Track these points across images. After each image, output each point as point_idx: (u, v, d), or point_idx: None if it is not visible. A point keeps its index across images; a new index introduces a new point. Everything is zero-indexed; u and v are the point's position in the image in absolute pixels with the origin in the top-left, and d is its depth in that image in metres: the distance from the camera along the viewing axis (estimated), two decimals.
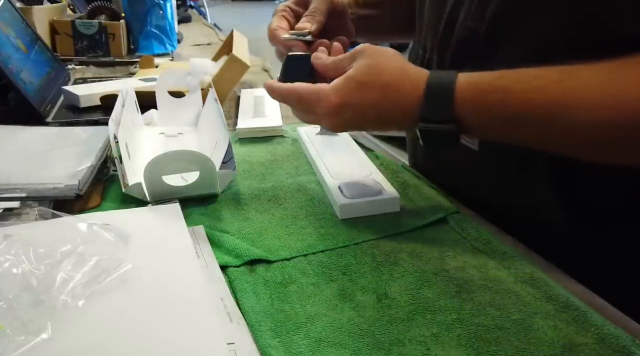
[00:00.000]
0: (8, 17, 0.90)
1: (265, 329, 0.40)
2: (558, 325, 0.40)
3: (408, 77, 0.48)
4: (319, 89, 0.50)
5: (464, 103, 0.46)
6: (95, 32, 1.26)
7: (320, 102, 0.49)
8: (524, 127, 0.45)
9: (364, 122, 0.51)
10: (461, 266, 0.47)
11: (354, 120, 0.50)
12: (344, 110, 0.49)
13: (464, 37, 0.57)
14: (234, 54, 0.90)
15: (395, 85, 0.48)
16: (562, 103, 0.43)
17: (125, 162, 0.57)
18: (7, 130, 0.73)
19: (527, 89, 0.44)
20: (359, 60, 0.50)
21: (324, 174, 0.62)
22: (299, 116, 0.54)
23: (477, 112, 0.46)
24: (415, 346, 0.38)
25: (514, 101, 0.44)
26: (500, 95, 0.45)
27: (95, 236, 0.48)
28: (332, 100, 0.49)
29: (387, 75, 0.48)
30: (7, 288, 0.40)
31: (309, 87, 0.51)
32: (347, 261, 0.49)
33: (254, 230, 0.53)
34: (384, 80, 0.48)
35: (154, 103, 0.79)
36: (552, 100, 0.43)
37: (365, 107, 0.49)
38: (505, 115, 0.45)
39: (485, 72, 0.46)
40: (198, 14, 2.39)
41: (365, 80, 0.48)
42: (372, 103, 0.48)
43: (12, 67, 0.81)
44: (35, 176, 0.59)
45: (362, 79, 0.48)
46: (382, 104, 0.48)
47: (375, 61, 0.49)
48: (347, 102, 0.48)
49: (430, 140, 0.48)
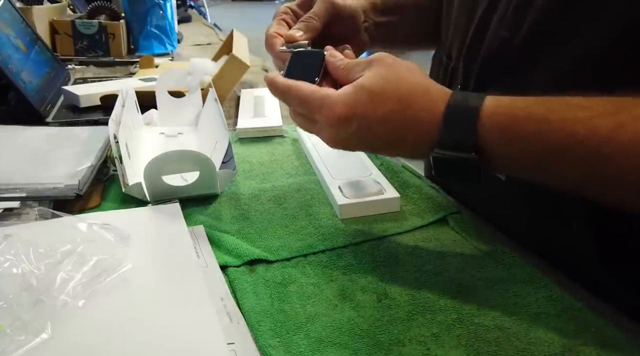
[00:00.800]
0: (8, 17, 0.90)
1: (265, 329, 0.40)
2: (558, 326, 0.40)
3: (428, 94, 0.42)
4: (326, 93, 0.44)
5: (490, 129, 0.39)
6: (95, 32, 1.26)
7: (323, 108, 0.43)
8: (562, 166, 0.38)
9: (371, 141, 0.44)
10: (461, 266, 0.47)
11: (359, 136, 0.43)
12: (349, 123, 0.42)
13: (495, 47, 0.50)
14: (234, 53, 0.90)
15: (413, 100, 0.42)
16: (612, 140, 0.36)
17: (126, 162, 0.57)
18: (7, 130, 0.73)
19: (570, 119, 0.37)
20: (374, 68, 0.43)
21: (324, 174, 0.62)
22: (297, 121, 0.48)
23: (505, 141, 0.39)
24: (415, 346, 0.38)
25: (552, 133, 0.37)
26: (535, 125, 0.38)
27: (95, 236, 0.48)
28: (338, 109, 0.42)
29: (404, 89, 0.42)
30: (7, 288, 0.40)
31: (314, 89, 0.45)
32: (347, 261, 0.49)
33: (254, 230, 0.53)
34: (401, 94, 0.42)
35: (154, 103, 0.79)
36: (599, 135, 0.36)
37: (374, 122, 0.42)
38: (539, 149, 0.38)
39: (518, 97, 0.40)
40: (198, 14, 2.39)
41: (379, 91, 0.42)
42: (383, 118, 0.42)
43: (12, 67, 0.81)
44: (35, 176, 0.59)
45: (375, 89, 0.42)
46: (394, 121, 0.42)
47: (393, 72, 0.43)
48: (354, 113, 0.42)
49: (445, 171, 0.42)
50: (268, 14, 0.57)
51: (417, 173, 0.65)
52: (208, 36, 1.66)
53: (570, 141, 0.37)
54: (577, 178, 0.39)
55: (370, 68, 0.44)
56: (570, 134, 0.37)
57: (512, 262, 0.47)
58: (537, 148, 0.38)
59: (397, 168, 0.66)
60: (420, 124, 0.42)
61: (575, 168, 0.38)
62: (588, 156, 0.37)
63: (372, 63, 0.44)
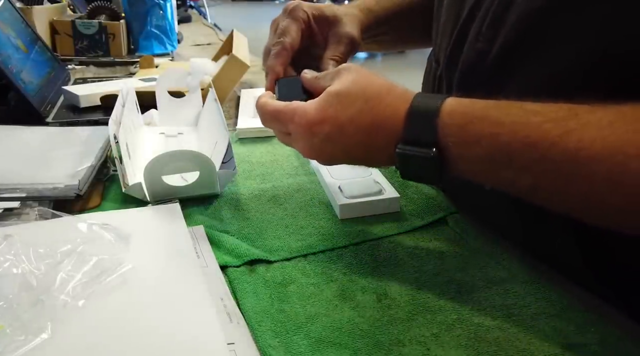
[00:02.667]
0: (8, 17, 0.90)
1: (265, 329, 0.40)
2: (558, 326, 0.40)
3: (392, 93, 0.44)
4: (297, 105, 0.46)
5: (449, 127, 0.40)
6: (95, 32, 1.26)
7: (295, 117, 0.45)
8: (513, 170, 0.38)
9: (344, 144, 0.44)
10: (461, 266, 0.47)
11: (333, 140, 0.44)
12: (321, 126, 0.44)
13: (473, 58, 0.51)
14: (234, 54, 0.90)
15: (379, 99, 0.43)
16: (558, 145, 0.36)
17: (126, 162, 0.57)
18: (7, 130, 0.73)
19: (522, 123, 0.38)
20: (343, 75, 0.46)
21: (324, 174, 0.62)
22: (279, 137, 0.50)
23: (462, 141, 0.40)
24: (415, 347, 0.38)
25: (504, 135, 0.38)
26: (489, 127, 0.39)
27: (95, 236, 0.48)
28: (309, 116, 0.44)
29: (370, 90, 0.44)
30: (7, 288, 0.40)
31: (287, 104, 0.47)
32: (347, 261, 0.49)
33: (254, 230, 0.53)
34: (367, 94, 0.44)
35: (154, 103, 0.79)
36: (548, 140, 0.36)
37: (345, 122, 0.43)
38: (492, 150, 0.39)
39: (480, 100, 0.41)
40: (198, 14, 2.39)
41: (347, 93, 0.44)
42: (352, 118, 0.43)
43: (12, 67, 0.81)
44: (35, 176, 0.59)
45: (343, 92, 0.44)
46: (364, 119, 0.43)
47: (359, 76, 0.45)
48: (324, 116, 0.44)
49: (408, 169, 0.43)
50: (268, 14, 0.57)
51: None
52: (208, 36, 1.66)
53: (520, 144, 0.37)
54: (529, 184, 0.39)
55: (339, 76, 0.46)
56: (521, 138, 0.37)
57: (512, 262, 0.47)
58: (490, 150, 0.39)
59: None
60: (387, 121, 0.43)
61: (525, 173, 0.38)
62: (536, 160, 0.37)
63: (340, 71, 0.46)
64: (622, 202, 0.35)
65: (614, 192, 0.35)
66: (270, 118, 0.49)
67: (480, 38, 0.50)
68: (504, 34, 0.48)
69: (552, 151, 0.36)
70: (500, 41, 0.48)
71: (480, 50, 0.50)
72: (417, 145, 0.41)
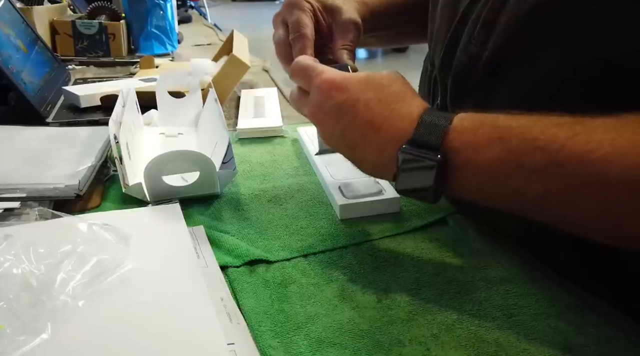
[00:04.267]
0: (8, 17, 0.90)
1: (265, 329, 0.40)
2: (558, 326, 0.40)
3: (414, 99, 0.44)
4: (327, 67, 0.47)
5: (459, 131, 0.40)
6: (95, 32, 1.26)
7: (321, 74, 0.46)
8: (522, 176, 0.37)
9: (348, 120, 0.44)
10: (461, 266, 0.47)
11: (341, 112, 0.44)
12: (338, 93, 0.44)
13: (465, 62, 0.51)
14: (234, 54, 0.90)
15: (401, 98, 0.43)
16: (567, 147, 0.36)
17: (126, 162, 0.57)
18: (7, 130, 0.73)
19: (530, 126, 0.38)
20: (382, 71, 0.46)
21: (324, 174, 0.62)
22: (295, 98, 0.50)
23: (473, 145, 0.39)
24: (415, 347, 0.38)
25: (513, 138, 0.38)
26: (498, 131, 0.38)
27: (95, 236, 0.48)
28: (333, 78, 0.45)
29: (398, 88, 0.44)
30: (7, 288, 0.39)
31: (319, 64, 0.48)
32: (347, 261, 0.49)
33: (254, 230, 0.53)
34: (393, 89, 0.44)
35: (154, 104, 0.79)
36: (556, 142, 0.36)
37: (361, 101, 0.44)
38: (501, 154, 0.38)
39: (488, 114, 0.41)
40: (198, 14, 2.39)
41: (378, 80, 0.45)
42: (369, 101, 0.43)
43: (12, 67, 0.81)
44: (35, 176, 0.59)
45: (374, 78, 0.45)
46: (378, 108, 0.43)
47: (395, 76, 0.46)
48: (346, 86, 0.44)
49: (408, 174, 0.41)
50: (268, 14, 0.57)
51: None
52: (208, 36, 1.66)
53: (530, 148, 0.37)
54: (539, 193, 0.37)
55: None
56: (530, 141, 0.37)
57: (512, 262, 0.47)
58: (500, 155, 0.38)
59: None
60: (399, 118, 0.42)
61: (535, 179, 0.37)
62: (546, 163, 0.36)
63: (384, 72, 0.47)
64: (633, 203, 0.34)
65: (629, 194, 0.34)
66: (299, 70, 0.49)
67: (473, 41, 0.50)
68: (495, 38, 0.48)
69: (561, 154, 0.36)
70: (491, 44, 0.48)
71: (472, 53, 0.50)
72: (423, 147, 0.40)
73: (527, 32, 0.46)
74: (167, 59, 1.27)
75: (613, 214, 0.36)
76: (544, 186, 0.37)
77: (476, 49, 0.50)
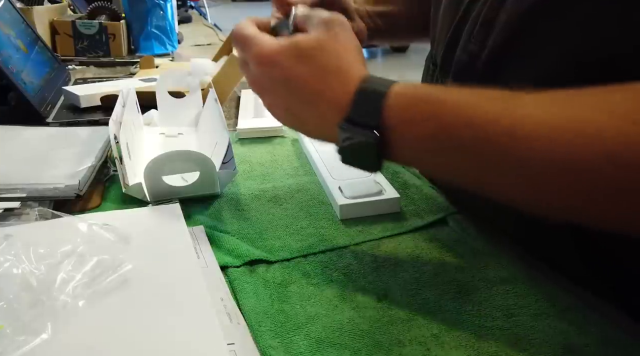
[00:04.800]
0: (8, 17, 0.90)
1: (265, 329, 0.40)
2: (558, 326, 0.40)
3: (350, 72, 0.42)
4: (262, 37, 0.45)
5: (395, 108, 0.39)
6: (95, 32, 1.26)
7: (253, 47, 0.44)
8: (460, 152, 0.37)
9: (286, 96, 0.44)
10: (461, 266, 0.47)
11: (276, 87, 0.44)
12: (269, 69, 0.44)
13: (464, 61, 0.51)
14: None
15: (336, 73, 0.42)
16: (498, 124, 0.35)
17: (126, 162, 0.57)
18: (7, 130, 0.73)
19: (462, 101, 0.37)
20: (320, 30, 0.44)
21: (324, 174, 0.62)
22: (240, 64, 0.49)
23: (407, 120, 0.39)
24: (415, 347, 0.38)
25: (446, 114, 0.37)
26: (432, 106, 0.38)
27: (95, 236, 0.48)
28: (264, 52, 0.43)
29: (333, 59, 0.43)
30: (7, 288, 0.39)
31: (257, 32, 0.46)
32: (347, 261, 0.49)
33: (254, 231, 0.53)
34: (328, 61, 0.42)
35: (154, 104, 0.79)
36: (483, 118, 0.36)
37: (292, 77, 0.43)
38: (437, 130, 0.38)
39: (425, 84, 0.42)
40: (198, 14, 2.39)
41: (310, 50, 0.43)
42: (300, 75, 0.42)
43: (12, 67, 0.81)
44: (35, 176, 0.59)
45: (306, 47, 0.43)
46: (311, 84, 0.42)
47: (334, 41, 0.44)
48: (276, 61, 0.43)
49: (348, 150, 0.42)
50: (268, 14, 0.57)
51: (417, 174, 0.65)
52: (208, 36, 1.66)
53: (462, 124, 0.36)
54: (473, 168, 0.38)
55: (319, 28, 0.44)
56: (462, 117, 0.37)
57: (512, 262, 0.47)
58: (434, 131, 0.38)
59: (397, 169, 0.66)
60: (335, 95, 0.42)
61: (468, 156, 0.37)
62: (477, 139, 0.36)
63: (326, 24, 0.44)
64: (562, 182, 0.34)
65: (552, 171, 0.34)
66: (236, 40, 0.47)
67: (472, 40, 0.50)
68: (494, 36, 0.48)
69: (489, 128, 0.35)
70: (490, 43, 0.48)
71: (471, 52, 0.50)
72: (360, 126, 0.40)
73: (526, 29, 0.46)
74: (167, 59, 1.27)
75: (540, 189, 0.36)
76: (476, 162, 0.37)
77: (476, 48, 0.50)
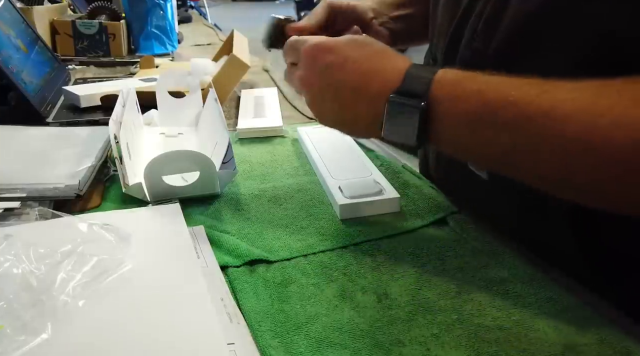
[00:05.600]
0: (8, 17, 0.90)
1: (265, 329, 0.40)
2: (558, 326, 0.40)
3: (398, 58, 0.47)
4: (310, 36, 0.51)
5: (442, 83, 0.42)
6: (95, 32, 1.27)
7: (307, 41, 0.49)
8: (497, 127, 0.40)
9: (339, 79, 0.46)
10: (461, 266, 0.47)
11: (330, 72, 0.47)
12: (325, 55, 0.47)
13: (469, 58, 0.52)
14: (234, 54, 0.90)
15: (385, 53, 0.47)
16: (534, 104, 0.38)
17: (126, 162, 0.57)
18: (7, 130, 0.73)
19: (506, 83, 0.40)
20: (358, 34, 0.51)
21: (324, 174, 0.62)
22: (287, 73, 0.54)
23: (454, 96, 0.42)
24: (415, 347, 0.38)
25: (489, 92, 0.40)
26: (476, 84, 0.41)
27: (95, 236, 0.48)
28: (319, 42, 0.48)
29: (380, 45, 0.48)
30: (7, 288, 0.40)
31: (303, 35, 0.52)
32: (347, 261, 0.49)
33: (254, 230, 0.53)
34: (376, 46, 0.48)
35: (154, 103, 0.79)
36: (526, 99, 0.38)
37: (349, 58, 0.46)
38: (480, 106, 0.40)
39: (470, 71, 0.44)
40: (198, 14, 2.39)
41: (362, 40, 0.48)
42: (357, 58, 0.46)
43: (12, 67, 0.81)
44: (35, 176, 0.59)
45: (357, 38, 0.49)
46: (366, 63, 0.46)
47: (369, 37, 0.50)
48: (333, 47, 0.47)
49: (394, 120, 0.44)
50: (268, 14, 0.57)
51: (417, 174, 0.65)
52: (208, 36, 1.66)
53: (504, 102, 0.39)
54: (507, 143, 0.40)
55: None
56: (504, 96, 0.39)
57: (512, 262, 0.47)
58: (477, 107, 0.40)
59: (398, 169, 0.66)
60: (387, 71, 0.45)
61: (505, 131, 0.39)
62: (516, 117, 0.39)
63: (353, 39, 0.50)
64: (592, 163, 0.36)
65: (582, 151, 0.36)
66: (290, 46, 0.52)
67: (476, 37, 0.51)
68: (498, 35, 0.48)
69: (529, 109, 0.38)
70: (495, 42, 0.49)
71: (476, 49, 0.51)
72: (409, 95, 0.43)
73: (531, 31, 0.46)
74: (167, 59, 1.27)
75: (569, 169, 0.38)
76: (512, 138, 0.39)
77: (480, 45, 0.50)
